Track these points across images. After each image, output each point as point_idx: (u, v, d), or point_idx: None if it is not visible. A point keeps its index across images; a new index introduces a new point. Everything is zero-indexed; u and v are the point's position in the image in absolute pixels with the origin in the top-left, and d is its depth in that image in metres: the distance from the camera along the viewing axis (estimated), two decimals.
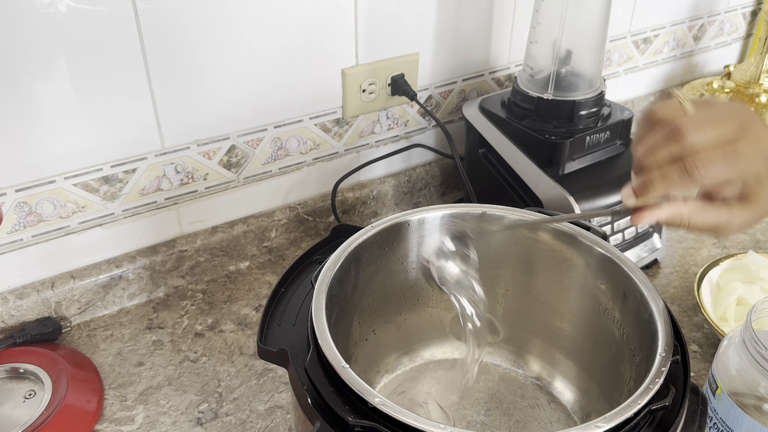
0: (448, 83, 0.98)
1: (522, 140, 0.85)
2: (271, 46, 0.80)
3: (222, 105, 0.80)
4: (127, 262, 0.81)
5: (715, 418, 0.59)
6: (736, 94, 1.13)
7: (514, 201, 0.87)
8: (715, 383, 0.59)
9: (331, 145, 0.92)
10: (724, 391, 0.57)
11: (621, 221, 0.85)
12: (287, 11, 0.79)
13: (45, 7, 0.65)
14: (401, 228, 0.63)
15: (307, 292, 0.59)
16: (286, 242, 0.93)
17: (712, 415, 0.59)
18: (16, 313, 0.75)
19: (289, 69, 0.82)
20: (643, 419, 0.46)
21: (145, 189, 0.79)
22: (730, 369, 0.57)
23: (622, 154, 0.88)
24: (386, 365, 0.70)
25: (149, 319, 0.81)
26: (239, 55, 0.78)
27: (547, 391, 0.68)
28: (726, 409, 0.57)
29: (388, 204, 1.00)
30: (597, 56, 0.84)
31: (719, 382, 0.58)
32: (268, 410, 0.69)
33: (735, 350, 0.57)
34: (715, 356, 0.60)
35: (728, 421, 0.57)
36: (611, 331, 0.61)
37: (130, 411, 0.69)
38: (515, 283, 0.68)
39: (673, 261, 0.92)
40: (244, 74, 0.79)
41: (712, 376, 0.59)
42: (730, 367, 0.57)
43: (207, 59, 0.76)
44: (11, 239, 0.74)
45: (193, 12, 0.73)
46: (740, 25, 1.35)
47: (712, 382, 0.59)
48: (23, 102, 0.68)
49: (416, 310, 0.70)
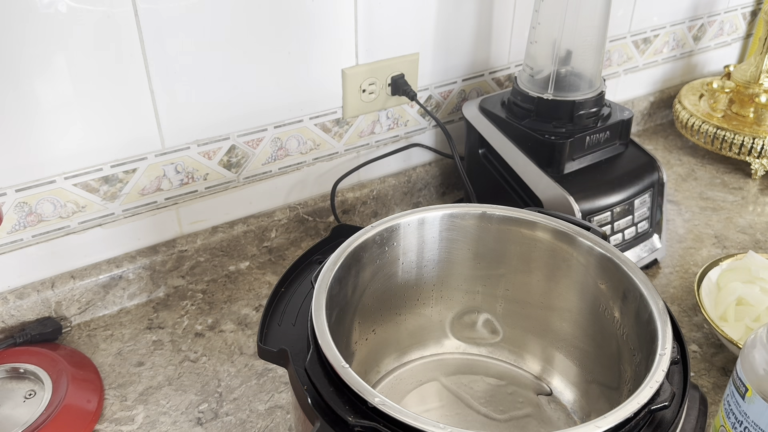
0: (448, 83, 0.98)
1: (522, 140, 0.85)
2: (270, 45, 0.80)
3: (222, 105, 0.80)
4: (127, 262, 0.81)
5: (746, 422, 0.56)
6: (736, 94, 1.13)
7: (514, 201, 0.87)
8: (744, 386, 0.56)
9: (331, 145, 0.92)
10: (755, 392, 0.55)
11: (621, 221, 0.85)
12: (287, 11, 0.79)
13: (45, 7, 0.65)
14: (401, 228, 0.63)
15: (307, 292, 0.59)
16: (286, 242, 0.93)
17: (743, 419, 0.57)
18: (16, 313, 0.75)
19: (289, 69, 0.82)
20: (642, 419, 0.46)
21: (145, 189, 0.79)
22: (758, 369, 0.55)
23: (622, 154, 0.88)
24: (386, 365, 0.70)
25: (149, 319, 0.81)
26: (239, 55, 0.78)
27: (547, 390, 0.68)
28: (760, 411, 0.55)
29: (388, 204, 1.00)
30: (597, 56, 0.84)
31: (748, 384, 0.55)
32: (268, 410, 0.69)
33: (762, 349, 0.55)
34: (739, 359, 0.58)
35: (762, 424, 0.55)
36: (611, 331, 0.61)
37: (130, 411, 0.69)
38: (515, 283, 0.68)
39: (673, 261, 0.92)
40: (244, 74, 0.79)
41: (739, 379, 0.57)
42: (757, 366, 0.55)
43: (207, 59, 0.76)
44: (11, 239, 0.74)
45: (194, 11, 0.73)
46: (740, 25, 1.35)
47: (740, 385, 0.57)
48: (23, 102, 0.68)
49: (416, 310, 0.70)
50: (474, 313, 0.71)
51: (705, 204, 1.05)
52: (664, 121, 1.31)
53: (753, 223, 1.00)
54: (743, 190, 1.08)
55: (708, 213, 1.03)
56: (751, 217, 1.01)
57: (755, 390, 0.55)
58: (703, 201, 1.06)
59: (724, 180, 1.11)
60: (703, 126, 1.13)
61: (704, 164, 1.16)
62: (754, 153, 1.08)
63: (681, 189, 1.09)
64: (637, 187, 0.86)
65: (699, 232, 0.98)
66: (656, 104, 1.28)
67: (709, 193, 1.08)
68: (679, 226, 0.99)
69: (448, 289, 0.69)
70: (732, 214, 1.02)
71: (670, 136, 1.25)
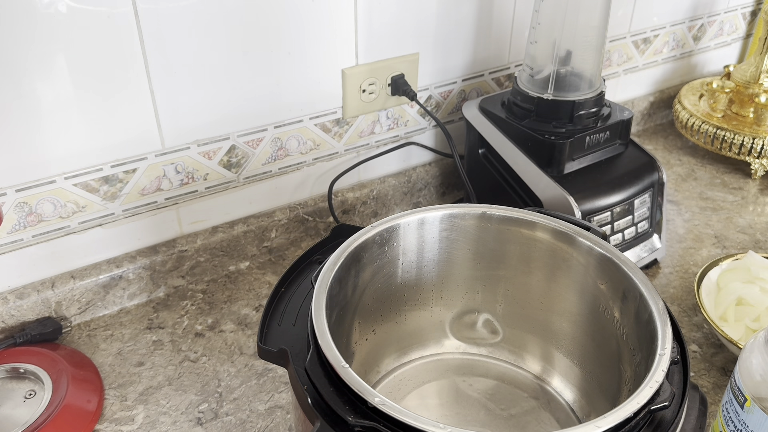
0: (448, 83, 0.98)
1: (522, 140, 0.85)
2: (270, 46, 0.80)
3: (222, 105, 0.80)
4: (127, 262, 0.81)
5: (745, 431, 0.56)
6: (736, 94, 1.13)
7: (514, 201, 0.87)
8: (742, 395, 0.55)
9: (331, 146, 0.92)
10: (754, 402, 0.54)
11: (621, 221, 0.85)
12: (287, 11, 0.79)
13: (45, 7, 0.65)
14: (401, 228, 0.63)
15: (307, 292, 0.59)
16: (286, 242, 0.93)
17: (742, 428, 0.56)
18: (16, 313, 0.75)
19: (289, 69, 0.82)
20: (642, 419, 0.46)
21: (145, 189, 0.79)
22: (755, 374, 0.54)
23: (622, 154, 0.88)
24: (386, 365, 0.70)
25: (149, 319, 0.81)
26: (239, 55, 0.78)
27: (547, 390, 0.68)
28: (759, 422, 0.54)
29: (388, 204, 1.00)
30: (597, 56, 0.84)
31: (747, 393, 0.55)
32: (268, 410, 0.69)
33: (759, 355, 0.54)
34: (737, 366, 0.57)
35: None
36: (611, 331, 0.61)
37: (130, 411, 0.69)
38: (515, 283, 0.68)
39: (672, 261, 0.92)
40: (244, 74, 0.79)
41: (738, 388, 0.56)
42: (754, 372, 0.54)
43: (207, 59, 0.76)
44: (11, 239, 0.74)
45: (194, 11, 0.73)
46: (740, 25, 1.35)
47: (738, 394, 0.56)
48: (23, 102, 0.68)
49: (416, 310, 0.70)
50: (474, 314, 0.71)
51: (705, 204, 1.05)
52: (664, 121, 1.31)
53: (753, 223, 1.00)
54: (743, 190, 1.08)
55: (708, 213, 1.03)
56: (751, 217, 1.01)
57: (752, 396, 0.54)
58: (703, 201, 1.06)
59: (724, 180, 1.11)
60: (703, 126, 1.13)
61: (704, 164, 1.16)
62: (754, 153, 1.08)
63: (681, 189, 1.09)
64: (637, 187, 0.86)
65: (699, 232, 0.98)
66: (656, 104, 1.28)
67: (709, 193, 1.08)
68: (679, 226, 0.99)
69: (448, 289, 0.69)
70: (732, 214, 1.02)
71: (670, 136, 1.25)
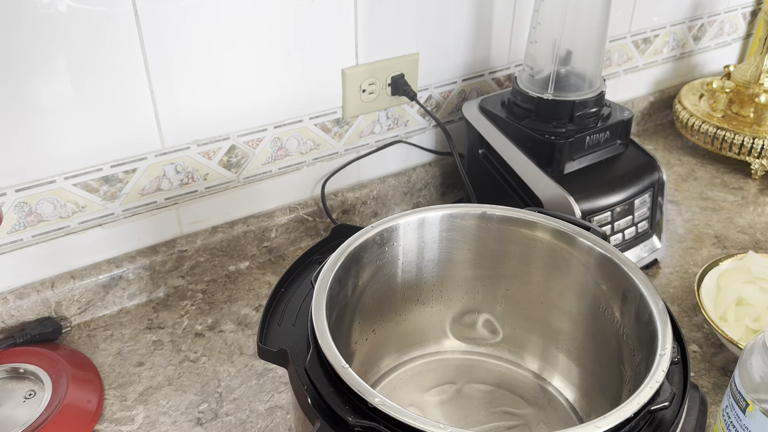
0: (448, 83, 0.98)
1: (522, 140, 0.85)
2: (271, 45, 0.80)
3: (222, 105, 0.80)
4: (127, 262, 0.81)
5: None
6: (736, 94, 1.13)
7: (514, 201, 0.87)
8: (744, 400, 0.54)
9: (331, 146, 0.92)
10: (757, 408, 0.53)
11: (621, 221, 0.85)
12: (287, 11, 0.79)
13: (45, 7, 0.65)
14: (401, 228, 0.63)
15: (307, 292, 0.59)
16: (286, 242, 0.93)
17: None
18: (16, 313, 0.75)
19: (289, 69, 0.82)
20: (642, 419, 0.46)
21: (145, 189, 0.79)
22: (755, 376, 0.54)
23: (622, 154, 0.88)
24: (386, 365, 0.70)
25: (149, 319, 0.81)
26: (239, 55, 0.78)
27: (547, 390, 0.68)
28: (761, 427, 0.53)
29: (388, 204, 1.00)
30: (597, 56, 0.84)
31: (749, 398, 0.54)
32: (268, 410, 0.69)
33: (759, 356, 0.54)
34: (737, 369, 0.56)
35: None
36: (611, 331, 0.61)
37: (130, 411, 0.69)
38: (515, 283, 0.68)
39: (673, 261, 0.92)
40: (244, 74, 0.79)
41: (738, 393, 0.55)
42: (754, 374, 0.54)
43: (207, 59, 0.76)
44: (11, 239, 0.74)
45: (194, 11, 0.73)
46: (740, 25, 1.35)
47: (740, 399, 0.55)
48: (23, 102, 0.68)
49: (416, 310, 0.70)
50: (474, 313, 0.71)
51: (705, 204, 1.05)
52: (664, 121, 1.31)
53: (753, 223, 1.00)
54: (743, 190, 1.08)
55: (708, 213, 1.03)
56: (751, 217, 1.01)
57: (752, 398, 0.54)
58: (703, 201, 1.06)
59: (724, 180, 1.11)
60: (703, 126, 1.13)
61: (704, 164, 1.16)
62: (754, 153, 1.08)
63: (681, 189, 1.09)
64: (637, 187, 0.86)
65: (699, 232, 0.98)
66: (656, 104, 1.28)
67: (709, 193, 1.08)
68: (679, 226, 0.99)
69: (448, 289, 0.69)
70: (732, 214, 1.02)
71: (670, 136, 1.25)
